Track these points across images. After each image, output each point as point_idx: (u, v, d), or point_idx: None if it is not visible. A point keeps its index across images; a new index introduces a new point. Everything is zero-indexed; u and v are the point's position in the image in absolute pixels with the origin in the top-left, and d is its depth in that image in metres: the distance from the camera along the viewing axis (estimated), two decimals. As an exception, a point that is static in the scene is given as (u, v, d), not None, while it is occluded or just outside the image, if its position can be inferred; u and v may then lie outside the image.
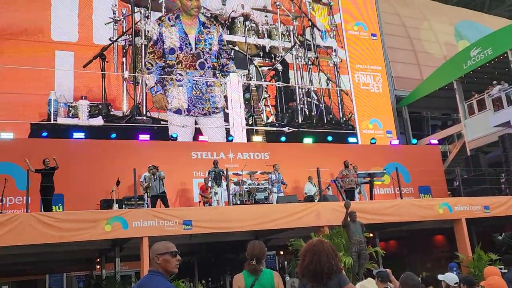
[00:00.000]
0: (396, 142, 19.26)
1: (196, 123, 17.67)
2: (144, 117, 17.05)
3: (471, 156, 18.22)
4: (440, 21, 26.45)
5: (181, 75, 17.73)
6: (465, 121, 19.73)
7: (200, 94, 17.90)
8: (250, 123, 18.47)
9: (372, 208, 12.90)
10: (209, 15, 19.22)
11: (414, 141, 20.42)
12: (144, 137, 15.48)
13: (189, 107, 17.69)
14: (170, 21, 18.27)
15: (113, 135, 15.60)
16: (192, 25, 18.58)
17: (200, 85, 17.99)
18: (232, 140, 17.07)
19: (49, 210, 11.54)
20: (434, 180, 17.49)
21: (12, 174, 12.57)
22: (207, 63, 18.33)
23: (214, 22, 19.17)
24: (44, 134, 15.02)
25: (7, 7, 16.20)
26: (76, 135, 14.85)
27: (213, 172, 13.75)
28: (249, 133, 18.23)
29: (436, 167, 18.29)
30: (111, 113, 16.71)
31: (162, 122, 17.26)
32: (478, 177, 16.46)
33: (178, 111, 17.52)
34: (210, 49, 18.52)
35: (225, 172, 13.22)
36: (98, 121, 16.35)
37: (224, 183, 13.48)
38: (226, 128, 17.97)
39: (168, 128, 17.19)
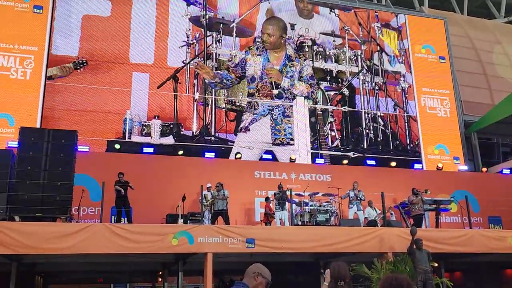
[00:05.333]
0: (464, 168, 18.56)
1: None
2: (212, 138, 17.54)
3: (547, 186, 17.22)
4: (514, 44, 25.40)
5: (257, 104, 18.13)
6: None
7: (274, 125, 18.14)
8: (315, 147, 18.47)
9: (439, 236, 12.50)
10: (296, 47, 19.59)
11: (484, 168, 19.56)
12: (210, 155, 15.92)
13: (248, 126, 17.99)
14: (257, 51, 18.88)
15: (181, 152, 16.12)
16: (279, 58, 19.02)
17: (275, 115, 18.26)
18: (295, 161, 17.14)
19: (130, 222, 12.17)
20: (505, 211, 16.66)
21: (87, 186, 13.28)
22: (285, 94, 18.59)
23: (301, 55, 19.50)
24: (117, 146, 15.82)
25: (93, 31, 17.39)
26: (146, 150, 15.52)
27: (278, 195, 13.85)
28: (314, 157, 18.19)
29: (508, 197, 17.41)
30: (182, 132, 17.33)
31: (229, 143, 17.65)
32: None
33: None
34: (289, 82, 18.87)
35: (287, 194, 13.30)
36: (169, 140, 16.97)
37: (287, 206, 13.55)
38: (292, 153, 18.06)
39: (233, 148, 17.53)
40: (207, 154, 15.94)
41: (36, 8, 16.79)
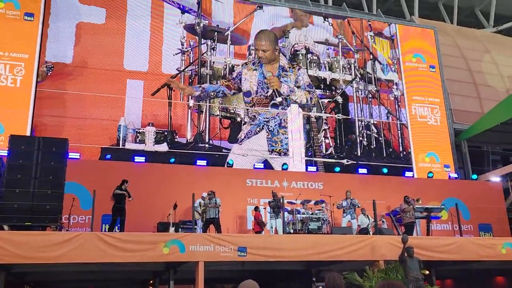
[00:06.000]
0: (454, 176, 18.69)
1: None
2: (207, 145, 17.54)
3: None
4: (503, 53, 25.71)
5: (255, 117, 18.21)
6: (529, 158, 18.91)
7: (270, 136, 18.17)
8: (309, 154, 18.47)
9: (429, 244, 12.55)
10: (290, 57, 19.70)
11: (474, 176, 19.72)
12: (201, 162, 15.89)
13: (243, 139, 18.00)
14: (254, 66, 18.96)
15: (172, 160, 16.09)
16: (273, 70, 19.09)
17: (272, 126, 18.31)
18: (287, 169, 17.16)
19: (122, 231, 12.13)
20: (496, 218, 16.79)
21: (77, 194, 13.17)
22: (285, 102, 18.64)
23: (294, 65, 19.61)
24: (108, 156, 15.74)
25: (88, 38, 17.36)
26: (137, 158, 15.45)
27: (273, 203, 13.82)
28: (307, 165, 18.19)
29: (498, 204, 17.55)
30: (176, 140, 17.30)
31: (223, 150, 17.64)
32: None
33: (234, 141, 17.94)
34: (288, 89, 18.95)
35: (281, 202, 13.29)
36: (163, 147, 16.93)
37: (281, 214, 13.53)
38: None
39: (228, 156, 17.51)
40: (199, 162, 15.89)
41: (27, 15, 16.73)
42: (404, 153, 20.18)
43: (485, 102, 22.79)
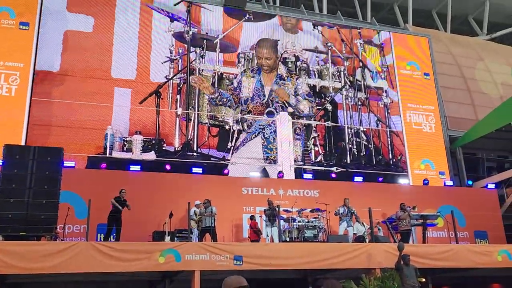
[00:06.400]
0: (450, 183, 18.73)
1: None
2: (195, 153, 17.46)
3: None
4: (496, 61, 25.90)
5: (251, 124, 18.26)
6: (524, 164, 19.00)
7: (265, 143, 18.19)
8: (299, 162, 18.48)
9: (425, 252, 12.55)
10: (288, 68, 19.75)
11: (470, 182, 19.77)
12: (197, 170, 15.87)
13: (238, 147, 18.00)
14: (252, 73, 19.04)
15: (167, 168, 16.04)
16: (272, 78, 19.18)
17: (267, 133, 18.33)
18: (282, 177, 17.15)
19: (117, 240, 12.08)
20: (491, 225, 16.81)
21: (72, 203, 13.10)
22: (276, 112, 18.70)
23: (293, 74, 19.67)
24: (102, 165, 15.65)
25: (75, 47, 17.34)
26: (133, 167, 15.40)
27: (269, 211, 13.79)
28: (297, 172, 18.18)
29: (493, 211, 17.59)
30: (164, 148, 17.22)
31: (212, 159, 17.59)
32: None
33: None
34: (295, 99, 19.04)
35: (277, 210, 13.27)
36: (151, 155, 16.85)
37: (276, 223, 13.50)
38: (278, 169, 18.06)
39: (228, 165, 17.52)
40: (195, 169, 15.86)
41: (22, 24, 16.74)
42: (394, 160, 20.17)
43: (479, 109, 22.92)
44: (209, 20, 19.62)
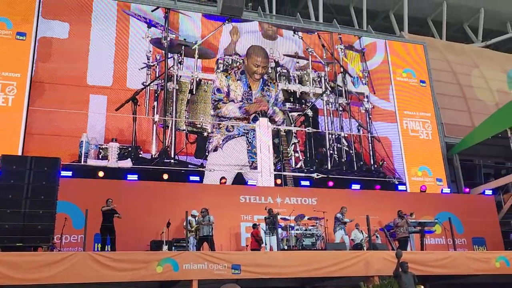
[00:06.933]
0: (447, 190, 18.76)
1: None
2: (172, 160, 17.22)
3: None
4: (492, 68, 26.05)
5: (232, 127, 18.16)
6: (521, 171, 19.05)
7: (250, 148, 18.15)
8: (278, 168, 18.21)
9: (424, 259, 12.55)
10: (270, 76, 19.73)
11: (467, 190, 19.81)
12: (194, 178, 15.85)
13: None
14: (236, 75, 18.93)
15: (165, 176, 15.95)
16: (257, 83, 19.12)
17: (250, 138, 18.26)
18: (280, 184, 17.13)
19: (113, 249, 12.02)
20: (489, 232, 16.82)
21: (69, 213, 13.04)
22: (260, 117, 18.60)
23: (275, 81, 19.68)
24: (100, 174, 15.53)
25: (50, 53, 17.14)
26: (130, 177, 15.35)
27: (269, 219, 13.73)
28: (276, 179, 17.82)
29: (491, 218, 17.61)
30: (140, 155, 16.96)
31: (189, 166, 17.37)
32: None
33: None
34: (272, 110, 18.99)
35: (277, 218, 13.26)
36: (127, 163, 16.52)
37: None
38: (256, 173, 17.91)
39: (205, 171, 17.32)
40: (192, 178, 15.85)
41: (19, 35, 16.76)
42: (375, 166, 20.05)
43: (476, 116, 23.02)
44: (187, 26, 19.43)
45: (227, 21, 20.08)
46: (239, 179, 17.50)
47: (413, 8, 28.15)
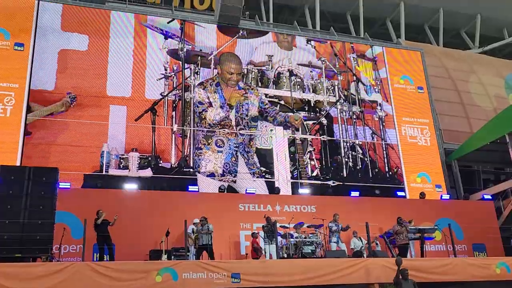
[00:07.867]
0: (446, 196, 18.74)
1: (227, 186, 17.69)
2: (191, 169, 17.45)
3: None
4: (489, 73, 26.15)
5: (222, 142, 18.18)
6: (520, 176, 19.05)
7: (247, 160, 18.22)
8: (295, 176, 18.51)
9: (424, 266, 12.50)
10: (246, 83, 19.72)
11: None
12: (193, 188, 15.82)
13: (223, 173, 17.85)
14: (211, 86, 18.96)
15: (164, 186, 15.99)
16: (231, 91, 19.10)
17: (241, 151, 18.30)
18: (279, 192, 17.13)
19: (112, 259, 11.96)
20: (489, 238, 16.77)
21: (68, 223, 13.01)
22: (246, 129, 18.72)
23: (252, 87, 19.69)
24: (98, 184, 15.60)
25: (70, 65, 17.47)
26: (129, 186, 15.34)
27: (267, 227, 13.69)
28: (294, 187, 18.24)
29: (490, 223, 17.57)
30: (160, 165, 17.23)
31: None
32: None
33: (211, 175, 17.69)
34: (247, 115, 18.95)
35: (276, 226, 13.21)
36: (147, 172, 16.88)
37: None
38: (269, 182, 18.08)
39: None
40: (191, 188, 15.82)
41: (17, 45, 16.85)
42: (390, 173, 20.19)
43: (474, 122, 23.08)
44: (203, 37, 19.81)
45: (241, 31, 20.35)
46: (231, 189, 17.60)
47: (410, 15, 28.32)
